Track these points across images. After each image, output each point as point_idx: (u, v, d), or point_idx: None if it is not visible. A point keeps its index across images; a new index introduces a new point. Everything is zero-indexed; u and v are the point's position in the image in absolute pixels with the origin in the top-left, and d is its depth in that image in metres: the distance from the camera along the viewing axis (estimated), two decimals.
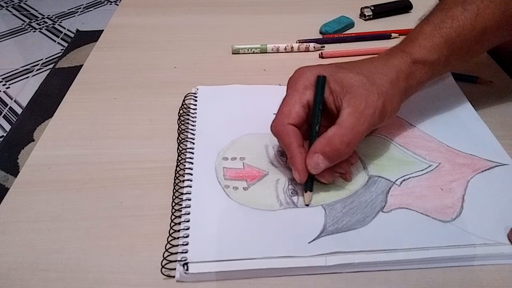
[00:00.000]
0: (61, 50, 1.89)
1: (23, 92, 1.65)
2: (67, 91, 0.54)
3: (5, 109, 1.57)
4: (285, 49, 0.61)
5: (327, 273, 0.34)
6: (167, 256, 0.34)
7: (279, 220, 0.37)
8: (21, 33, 2.03)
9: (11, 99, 1.62)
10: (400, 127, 0.46)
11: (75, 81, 0.56)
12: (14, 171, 1.27)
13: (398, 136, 0.45)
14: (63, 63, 1.76)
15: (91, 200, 0.40)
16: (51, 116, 0.50)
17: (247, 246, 0.35)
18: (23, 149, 1.34)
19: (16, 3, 2.30)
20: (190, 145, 0.44)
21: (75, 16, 2.17)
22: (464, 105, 0.49)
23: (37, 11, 2.22)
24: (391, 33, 0.64)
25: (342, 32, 0.66)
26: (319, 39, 0.64)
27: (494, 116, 0.48)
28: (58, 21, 2.13)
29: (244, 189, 0.39)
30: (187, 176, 0.40)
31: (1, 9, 2.24)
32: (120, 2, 0.76)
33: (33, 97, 1.58)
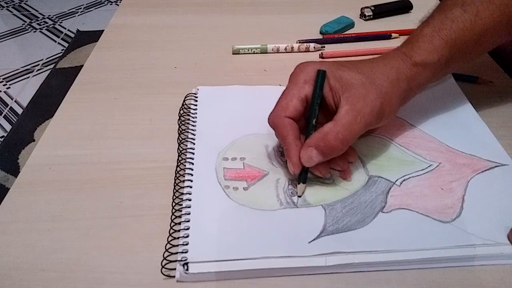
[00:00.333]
0: (62, 50, 1.90)
1: (24, 92, 1.65)
2: (67, 91, 0.54)
3: (5, 109, 1.57)
4: (285, 49, 0.61)
5: (327, 273, 0.34)
6: (167, 256, 0.34)
7: (279, 220, 0.37)
8: (22, 33, 2.04)
9: (12, 99, 1.62)
10: (400, 127, 0.46)
11: (75, 81, 0.56)
12: (15, 171, 1.28)
13: (398, 136, 0.45)
14: (64, 63, 1.76)
15: (91, 200, 0.40)
16: (51, 116, 0.50)
17: (247, 246, 0.35)
18: (23, 149, 1.35)
19: (16, 3, 2.30)
20: (190, 145, 0.44)
21: (75, 16, 2.17)
22: (464, 105, 0.49)
23: (37, 11, 2.23)
24: (391, 33, 0.64)
25: (342, 32, 0.66)
26: (319, 39, 0.64)
27: (494, 116, 0.48)
28: (58, 21, 2.13)
29: (244, 189, 0.39)
30: (187, 176, 0.40)
31: (1, 9, 2.25)
32: (120, 2, 0.76)
33: (33, 97, 1.59)
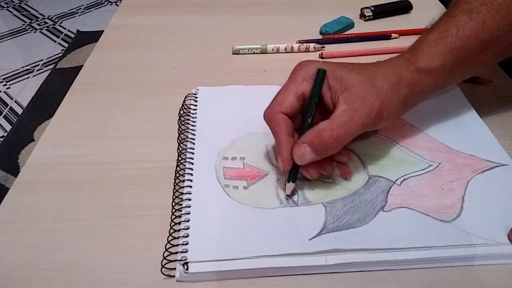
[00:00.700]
0: (62, 50, 1.90)
1: (24, 92, 1.65)
2: (67, 91, 0.54)
3: (5, 109, 1.57)
4: (285, 49, 0.61)
5: (326, 272, 0.34)
6: (167, 256, 0.34)
7: (279, 218, 0.37)
8: (22, 33, 2.04)
9: (12, 99, 1.62)
10: (401, 127, 0.46)
11: (75, 81, 0.56)
12: (14, 171, 1.28)
13: (398, 136, 0.45)
14: (64, 64, 1.76)
15: (91, 200, 0.40)
16: (51, 116, 0.50)
17: (248, 245, 0.35)
18: (23, 149, 1.35)
19: (16, 3, 2.30)
20: (190, 145, 0.44)
21: (75, 16, 2.17)
22: (464, 105, 0.49)
23: (37, 11, 2.23)
24: (391, 33, 0.64)
25: (342, 33, 0.66)
26: (319, 39, 0.64)
27: (494, 116, 0.48)
28: (58, 21, 2.13)
29: (244, 188, 0.40)
30: (187, 176, 0.40)
31: (1, 9, 2.25)
32: (120, 3, 0.76)
33: (33, 97, 1.59)
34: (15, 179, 0.42)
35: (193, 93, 0.52)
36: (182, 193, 0.39)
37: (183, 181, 0.40)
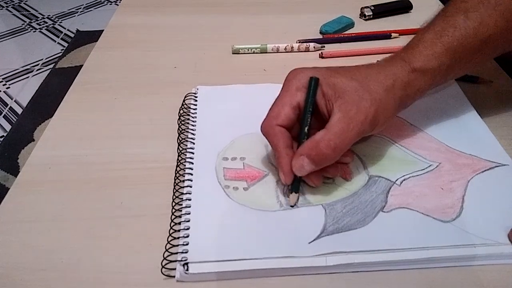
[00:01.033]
0: (61, 50, 1.89)
1: (23, 92, 1.65)
2: (67, 91, 0.54)
3: (5, 109, 1.57)
4: (285, 49, 0.61)
5: (327, 273, 0.34)
6: (167, 256, 0.34)
7: (279, 220, 0.37)
8: (21, 33, 2.04)
9: (11, 99, 1.62)
10: (401, 127, 0.46)
11: (75, 81, 0.56)
12: (14, 171, 1.28)
13: (398, 136, 0.45)
14: (63, 63, 1.76)
15: (91, 200, 0.40)
16: (51, 116, 0.50)
17: (247, 246, 0.35)
18: (23, 149, 1.35)
19: (16, 3, 2.30)
20: (190, 145, 0.44)
21: (75, 16, 2.17)
22: (464, 105, 0.49)
23: (37, 11, 2.23)
24: (391, 33, 0.64)
25: (342, 32, 0.66)
26: (319, 39, 0.64)
27: (494, 116, 0.48)
28: (58, 21, 2.13)
29: (244, 189, 0.39)
30: (187, 176, 0.40)
31: (1, 9, 2.24)
32: (120, 2, 0.76)
33: (33, 97, 1.59)
34: (15, 179, 0.42)
35: (193, 93, 0.52)
36: (182, 193, 0.39)
37: (183, 181, 0.40)
